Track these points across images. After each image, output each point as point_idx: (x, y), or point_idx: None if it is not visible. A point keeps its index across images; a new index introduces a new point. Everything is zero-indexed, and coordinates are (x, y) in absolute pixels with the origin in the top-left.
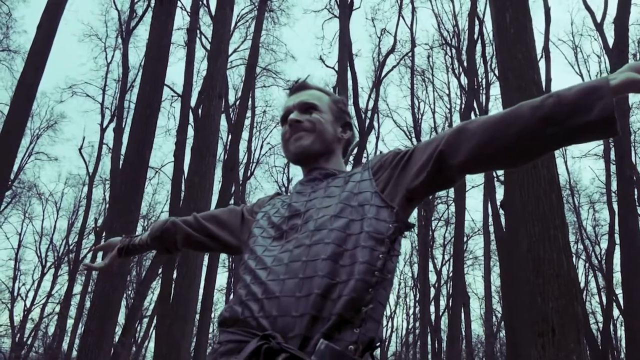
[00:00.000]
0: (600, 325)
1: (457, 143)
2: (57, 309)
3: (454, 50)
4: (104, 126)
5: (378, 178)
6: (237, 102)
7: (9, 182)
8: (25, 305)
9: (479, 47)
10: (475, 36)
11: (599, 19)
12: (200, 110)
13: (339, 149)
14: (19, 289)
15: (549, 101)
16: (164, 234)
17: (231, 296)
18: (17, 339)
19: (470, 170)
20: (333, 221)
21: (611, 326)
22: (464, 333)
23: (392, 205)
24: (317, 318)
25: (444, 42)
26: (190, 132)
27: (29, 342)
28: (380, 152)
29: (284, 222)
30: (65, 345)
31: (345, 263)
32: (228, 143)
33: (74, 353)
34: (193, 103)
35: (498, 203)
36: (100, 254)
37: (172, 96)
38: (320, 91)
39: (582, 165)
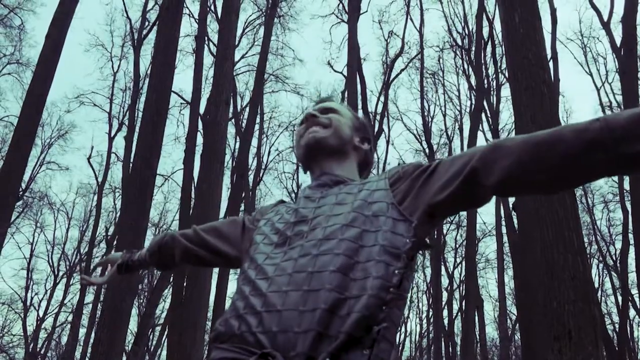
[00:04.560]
0: (617, 325)
1: (492, 160)
2: (70, 318)
3: (464, 52)
4: (112, 135)
5: (396, 189)
6: (246, 108)
7: (20, 192)
8: (38, 315)
9: (489, 48)
10: (485, 37)
11: (605, 18)
12: (208, 117)
13: (354, 157)
14: (31, 298)
15: (595, 125)
16: (161, 248)
17: None
18: (30, 348)
19: (503, 191)
20: (344, 230)
21: (628, 327)
22: (478, 337)
23: (411, 219)
24: (323, 335)
25: (454, 43)
26: (200, 139)
27: (42, 351)
28: (400, 163)
29: (288, 228)
30: (78, 355)
31: (357, 277)
32: (236, 150)
33: None
34: (202, 110)
35: (510, 205)
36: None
37: (182, 103)
38: (344, 107)
39: None
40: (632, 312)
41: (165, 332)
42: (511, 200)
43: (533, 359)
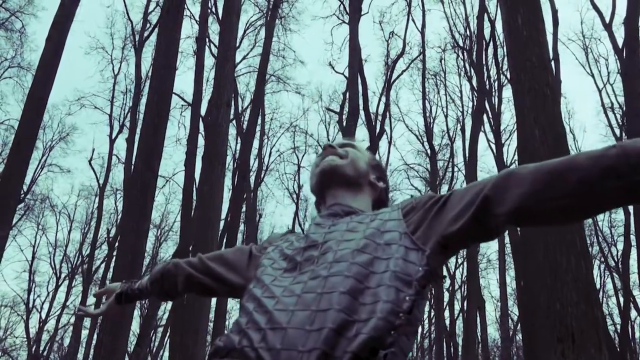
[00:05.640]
0: (618, 326)
1: (505, 188)
2: (72, 320)
3: (465, 53)
4: (113, 137)
5: (409, 219)
6: (247, 110)
7: (22, 195)
8: (40, 317)
9: (491, 49)
10: (487, 38)
11: (607, 20)
12: (209, 119)
13: (369, 193)
14: (33, 300)
15: (611, 151)
16: (164, 276)
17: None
18: (33, 350)
19: (516, 220)
20: (355, 255)
21: (629, 328)
22: (479, 337)
23: (423, 249)
24: (328, 355)
25: (455, 44)
26: (201, 140)
27: (44, 354)
28: (412, 199)
29: (298, 254)
30: (80, 357)
31: (366, 301)
32: (237, 151)
33: None
34: (203, 112)
35: None
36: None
37: (182, 105)
38: (362, 146)
39: None
40: (633, 313)
41: (167, 334)
42: None
43: None
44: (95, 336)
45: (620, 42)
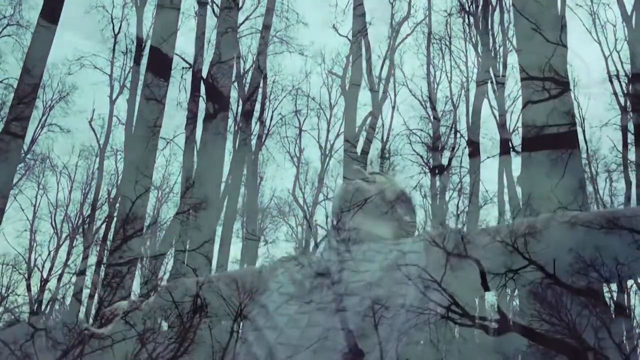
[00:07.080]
0: (615, 294)
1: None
2: (74, 279)
3: (470, 17)
4: (114, 98)
5: (431, 254)
6: (249, 72)
7: (22, 155)
8: (42, 275)
9: (497, 13)
10: (493, 2)
11: None
12: (210, 81)
13: (391, 223)
14: (35, 259)
15: None
16: (170, 293)
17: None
18: (34, 309)
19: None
20: (368, 289)
21: (625, 295)
22: None
23: (444, 287)
24: None
25: (461, 8)
26: (202, 103)
27: (46, 312)
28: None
29: (307, 279)
30: (82, 315)
31: (375, 341)
32: (238, 114)
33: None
34: (204, 73)
35: (514, 176)
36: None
37: (184, 67)
38: (394, 178)
39: (602, 134)
40: (630, 281)
41: None
42: (515, 170)
43: None
44: (96, 296)
45: (629, 9)
